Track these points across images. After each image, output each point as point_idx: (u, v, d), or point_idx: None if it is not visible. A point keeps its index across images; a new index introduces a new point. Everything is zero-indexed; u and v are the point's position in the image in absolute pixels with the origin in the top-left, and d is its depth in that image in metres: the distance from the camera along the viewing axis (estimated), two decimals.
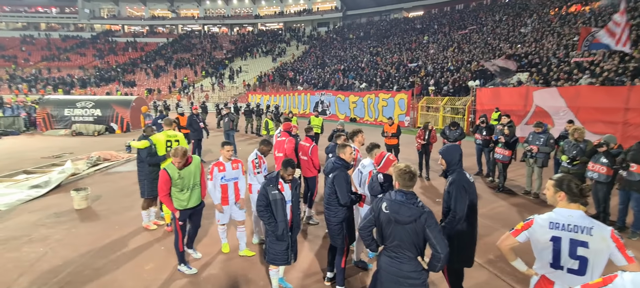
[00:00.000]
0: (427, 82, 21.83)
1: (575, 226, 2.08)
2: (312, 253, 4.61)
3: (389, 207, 2.43)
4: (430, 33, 34.07)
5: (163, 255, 4.52)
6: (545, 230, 2.14)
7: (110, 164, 9.67)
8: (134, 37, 53.22)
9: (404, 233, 2.38)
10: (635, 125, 9.78)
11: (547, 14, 25.85)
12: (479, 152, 8.52)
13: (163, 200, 3.93)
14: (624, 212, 5.08)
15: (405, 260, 2.42)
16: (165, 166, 3.93)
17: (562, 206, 2.18)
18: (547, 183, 2.28)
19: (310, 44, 45.73)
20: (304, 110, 25.27)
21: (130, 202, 6.60)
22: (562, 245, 2.09)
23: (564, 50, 17.96)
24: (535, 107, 12.64)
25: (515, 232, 2.26)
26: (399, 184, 2.47)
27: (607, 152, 5.15)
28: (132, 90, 36.90)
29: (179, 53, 48.10)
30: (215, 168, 4.17)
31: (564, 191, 2.17)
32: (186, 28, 56.57)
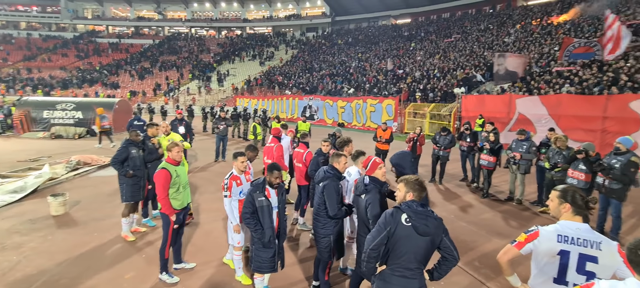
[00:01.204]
0: (415, 89, 22.14)
1: (585, 240, 1.99)
2: (297, 260, 4.55)
3: (413, 219, 2.27)
4: (417, 40, 34.63)
5: (144, 264, 4.38)
6: (553, 244, 2.03)
7: (90, 168, 9.37)
8: (119, 38, 52.14)
9: (423, 244, 2.27)
10: (613, 133, 10.12)
11: (529, 24, 26.68)
12: (463, 159, 8.65)
13: (164, 201, 3.80)
14: (603, 217, 5.22)
15: (417, 275, 2.32)
16: (164, 165, 3.85)
17: (567, 218, 2.10)
18: (551, 194, 2.21)
19: (299, 48, 45.79)
20: (291, 114, 25.20)
21: (111, 207, 6.39)
22: (570, 260, 1.99)
23: (546, 59, 18.54)
24: (518, 115, 12.96)
25: (519, 245, 2.13)
26: (413, 196, 2.37)
27: (586, 159, 5.30)
28: (116, 92, 36.05)
29: (165, 55, 47.36)
30: (233, 183, 3.82)
31: (569, 203, 2.09)
32: (173, 30, 55.78)
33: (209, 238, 5.15)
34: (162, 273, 3.97)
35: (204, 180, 8.56)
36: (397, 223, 2.29)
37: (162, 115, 21.63)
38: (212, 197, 7.09)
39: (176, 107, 20.35)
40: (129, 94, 35.00)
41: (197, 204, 6.67)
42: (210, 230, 5.48)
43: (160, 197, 3.80)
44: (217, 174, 9.07)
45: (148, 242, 4.98)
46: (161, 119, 21.30)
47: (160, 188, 3.77)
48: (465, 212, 6.46)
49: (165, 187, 3.78)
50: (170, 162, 3.92)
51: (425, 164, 9.33)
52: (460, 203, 6.97)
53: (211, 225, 5.66)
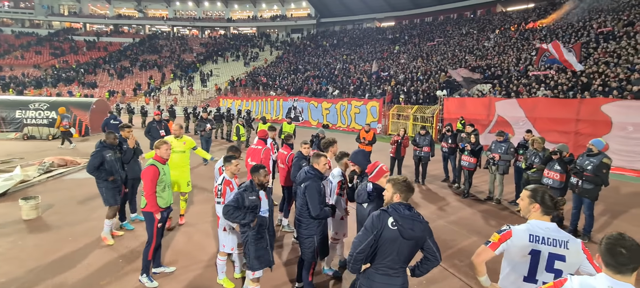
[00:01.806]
0: (398, 91, 22.44)
1: (554, 239, 2.06)
2: (282, 262, 4.51)
3: (399, 223, 2.26)
4: (401, 43, 35.15)
5: (121, 268, 4.23)
6: (525, 243, 2.07)
7: (65, 170, 9.00)
8: (97, 35, 50.50)
9: (407, 247, 2.29)
10: (586, 135, 10.56)
11: (508, 29, 27.56)
12: (445, 160, 8.82)
13: (151, 197, 3.74)
14: (576, 216, 5.42)
15: (400, 274, 2.35)
16: (152, 163, 3.84)
17: (536, 218, 2.15)
18: (521, 194, 2.26)
19: (284, 49, 45.65)
20: (276, 115, 25.06)
21: (87, 211, 6.16)
22: (541, 259, 2.05)
23: (524, 64, 19.19)
24: (498, 117, 13.35)
25: (493, 246, 2.16)
26: (400, 197, 2.36)
27: (561, 160, 5.51)
28: (93, 92, 34.87)
29: (146, 54, 46.20)
30: (227, 189, 3.70)
31: (539, 203, 2.14)
32: (154, 29, 54.49)
33: (190, 243, 5.04)
34: (143, 275, 3.85)
35: None
36: (384, 227, 2.28)
37: (142, 116, 21.06)
38: (193, 199, 6.95)
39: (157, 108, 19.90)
40: (108, 94, 33.93)
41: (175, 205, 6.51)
42: (192, 233, 5.36)
43: (147, 194, 3.75)
44: (199, 177, 8.90)
45: (125, 246, 4.81)
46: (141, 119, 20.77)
47: (149, 185, 3.75)
48: (446, 212, 6.58)
49: (153, 183, 3.77)
50: (158, 159, 3.91)
51: (408, 165, 9.45)
52: (441, 203, 7.10)
53: (192, 228, 5.54)
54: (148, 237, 3.86)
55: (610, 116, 10.11)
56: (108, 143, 4.97)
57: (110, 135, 5.06)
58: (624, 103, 10.10)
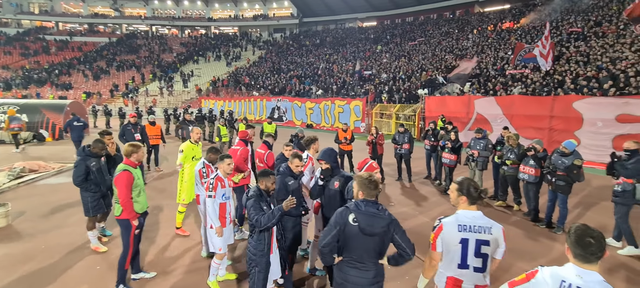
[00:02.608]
0: (381, 90, 22.68)
1: (479, 227, 2.22)
2: None
3: (359, 219, 2.33)
4: (383, 43, 35.55)
5: (97, 278, 4.08)
6: (455, 233, 2.22)
7: (37, 176, 8.62)
8: (70, 35, 48.54)
9: (372, 243, 2.34)
10: (559, 130, 11.01)
11: (485, 30, 28.35)
12: (428, 157, 8.98)
13: (127, 204, 3.58)
14: (551, 208, 5.64)
15: (370, 268, 2.40)
16: (126, 168, 3.67)
17: (464, 208, 2.31)
18: (451, 186, 2.40)
19: (266, 49, 45.27)
20: (259, 116, 24.84)
21: (62, 217, 5.92)
22: (469, 246, 2.20)
23: (501, 63, 19.79)
24: (477, 115, 13.71)
25: (433, 246, 2.29)
26: (364, 194, 2.41)
27: (535, 156, 5.72)
28: (68, 94, 33.50)
29: (123, 54, 44.75)
30: (218, 185, 3.67)
31: (465, 195, 2.29)
32: (131, 28, 52.88)
33: (171, 247, 4.92)
34: (120, 285, 3.72)
35: (167, 184, 8.18)
36: (345, 223, 2.36)
37: (119, 118, 20.43)
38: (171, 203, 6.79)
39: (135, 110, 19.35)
40: (84, 95, 32.68)
41: (158, 211, 6.36)
42: (173, 237, 5.24)
43: (123, 201, 3.58)
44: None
45: (101, 253, 4.65)
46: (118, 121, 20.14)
47: (124, 191, 3.58)
48: (427, 208, 6.70)
49: (129, 189, 3.62)
50: (130, 164, 3.74)
51: (391, 163, 9.57)
52: (422, 200, 7.23)
53: (170, 230, 5.41)
54: (124, 245, 3.69)
55: (582, 112, 10.56)
56: (93, 152, 4.59)
57: (96, 144, 4.66)
58: (594, 100, 10.58)
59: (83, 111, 18.09)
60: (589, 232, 1.69)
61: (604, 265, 4.42)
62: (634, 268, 4.41)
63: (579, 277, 1.65)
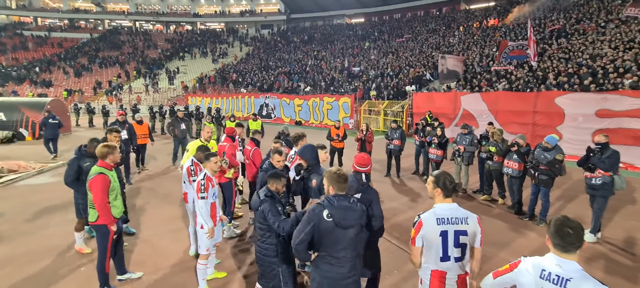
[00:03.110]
0: (369, 87, 22.79)
1: (456, 218, 2.29)
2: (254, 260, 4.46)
3: (333, 214, 2.35)
4: (371, 40, 35.67)
5: (83, 281, 3.99)
6: (435, 227, 2.26)
7: (17, 176, 8.34)
8: (49, 30, 46.94)
9: (346, 237, 2.38)
10: (542, 126, 11.31)
11: (471, 27, 28.77)
12: (417, 153, 9.08)
13: (104, 209, 3.42)
14: (534, 201, 5.80)
15: (345, 262, 2.43)
16: (100, 170, 3.45)
17: (440, 201, 2.37)
18: (428, 179, 2.46)
19: (254, 45, 44.83)
20: (247, 113, 24.63)
21: (43, 219, 5.75)
22: (449, 238, 2.26)
23: (486, 60, 20.13)
24: (463, 110, 13.95)
25: (413, 241, 2.35)
26: (334, 189, 2.45)
27: (518, 150, 5.87)
28: (48, 91, 32.46)
29: (106, 51, 43.58)
30: (209, 185, 3.59)
31: (440, 188, 2.35)
32: (114, 24, 51.51)
33: (159, 246, 4.85)
34: (104, 287, 3.64)
35: (155, 184, 8.04)
36: (320, 219, 2.37)
37: (103, 116, 19.95)
38: (159, 202, 6.69)
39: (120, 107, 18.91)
40: (65, 93, 31.71)
41: (146, 210, 6.25)
42: (161, 236, 5.16)
43: (99, 206, 3.40)
44: (171, 179, 8.59)
45: (85, 255, 4.55)
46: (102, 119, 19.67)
47: (100, 196, 3.39)
48: (415, 202, 6.80)
49: (105, 193, 3.43)
50: (105, 166, 3.51)
51: (380, 160, 9.65)
52: (411, 195, 7.32)
53: (160, 230, 5.33)
54: (100, 251, 3.54)
55: (563, 108, 10.87)
56: (89, 152, 4.39)
57: (92, 144, 4.43)
58: (575, 96, 10.90)
59: (64, 109, 17.57)
60: (568, 223, 1.75)
61: (584, 255, 4.58)
62: (613, 259, 4.58)
63: (559, 266, 1.71)
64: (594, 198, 5.04)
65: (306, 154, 3.41)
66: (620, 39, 14.99)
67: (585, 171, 5.04)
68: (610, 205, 6.33)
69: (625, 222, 5.80)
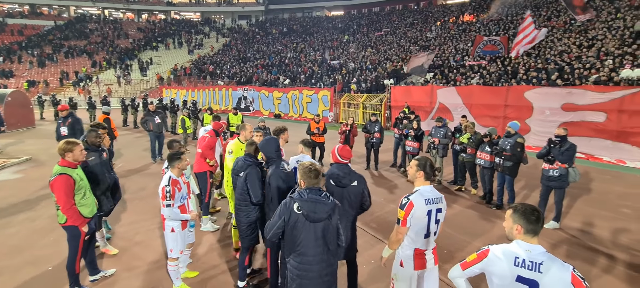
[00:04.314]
0: (349, 80, 22.89)
1: (435, 198, 2.54)
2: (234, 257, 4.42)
3: (302, 207, 2.37)
4: (350, 33, 35.74)
5: (49, 280, 3.81)
6: (423, 207, 2.47)
7: None
8: (7, 16, 43.77)
9: (317, 231, 2.38)
10: (512, 118, 11.75)
11: (447, 22, 29.40)
12: (396, 145, 9.23)
13: (70, 211, 3.23)
14: (501, 192, 6.07)
15: (315, 257, 2.41)
16: (62, 170, 3.21)
17: (420, 184, 2.58)
18: (411, 162, 2.66)
19: (231, 36, 43.79)
20: (225, 106, 24.15)
21: (5, 218, 5.42)
22: (431, 216, 2.51)
23: (461, 54, 20.69)
24: (439, 104, 14.30)
25: (404, 222, 2.48)
26: (305, 183, 2.46)
27: (490, 142, 6.10)
28: (8, 82, 30.41)
29: (72, 40, 41.20)
30: (175, 190, 3.35)
31: (423, 170, 2.56)
32: (80, 11, 48.69)
33: (134, 242, 4.70)
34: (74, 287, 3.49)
35: (125, 180, 7.75)
36: (291, 212, 2.41)
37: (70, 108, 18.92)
38: (133, 198, 6.47)
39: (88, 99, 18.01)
40: (26, 84, 29.81)
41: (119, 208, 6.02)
42: (136, 232, 5.00)
43: (64, 208, 3.21)
44: (145, 175, 8.30)
45: (54, 254, 4.34)
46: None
47: (63, 198, 3.18)
48: (394, 194, 6.94)
49: (68, 195, 3.21)
50: (68, 165, 3.28)
51: (360, 153, 9.75)
52: (390, 187, 7.47)
53: (133, 226, 5.16)
54: (71, 251, 3.37)
55: (532, 102, 11.37)
56: (90, 143, 4.13)
57: (91, 134, 4.18)
58: (542, 90, 11.41)
59: (26, 101, 16.53)
60: (533, 208, 1.85)
61: (549, 241, 4.86)
62: (573, 243, 4.89)
63: (528, 252, 1.79)
64: (549, 190, 5.32)
65: (265, 147, 3.31)
66: (584, 36, 15.81)
67: (545, 163, 5.30)
68: (572, 194, 6.74)
69: (585, 209, 6.18)
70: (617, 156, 9.63)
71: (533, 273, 1.75)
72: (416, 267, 2.56)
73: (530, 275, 1.75)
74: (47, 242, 4.66)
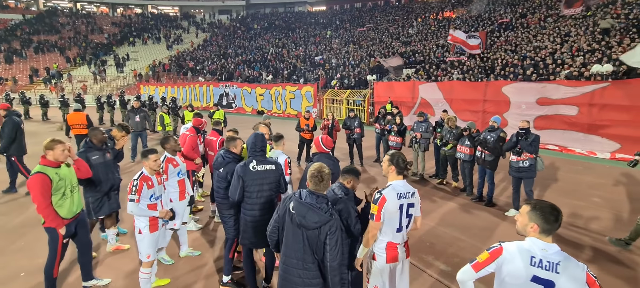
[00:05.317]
0: (332, 76, 22.88)
1: (408, 192, 2.56)
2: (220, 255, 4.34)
3: (295, 208, 2.28)
4: (332, 28, 35.69)
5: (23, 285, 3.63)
6: (395, 201, 2.48)
7: None
8: None
9: (303, 237, 2.27)
10: (491, 113, 12.08)
11: (428, 18, 29.82)
12: (377, 140, 9.31)
13: (45, 211, 3.11)
14: (481, 184, 6.24)
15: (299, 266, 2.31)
16: (39, 169, 3.12)
17: (393, 178, 2.60)
18: (384, 157, 2.68)
19: (212, 32, 42.87)
20: (206, 103, 23.67)
21: None
22: (403, 210, 2.53)
23: (441, 50, 21.05)
24: (421, 99, 14.52)
25: (377, 217, 2.47)
26: (310, 185, 2.35)
27: (470, 136, 6.25)
28: None
29: (42, 34, 39.22)
30: (144, 185, 3.26)
31: (394, 165, 2.59)
32: (49, 4, 46.39)
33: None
34: None
35: None
36: (286, 209, 2.37)
37: (41, 107, 18.14)
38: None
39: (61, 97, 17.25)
40: None
41: None
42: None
43: (38, 208, 3.10)
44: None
45: (28, 260, 4.13)
46: (40, 110, 17.88)
47: (39, 198, 3.06)
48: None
49: (44, 196, 3.08)
50: (48, 163, 3.18)
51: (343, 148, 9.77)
52: (372, 182, 7.54)
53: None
54: (50, 253, 3.26)
55: (509, 96, 11.72)
56: (95, 142, 4.07)
57: (96, 133, 4.10)
58: (519, 85, 11.77)
59: None
60: (552, 207, 1.78)
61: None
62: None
63: (544, 251, 1.73)
64: (519, 181, 5.51)
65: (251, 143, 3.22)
66: (557, 33, 16.40)
67: (513, 155, 5.47)
68: (546, 185, 7.01)
69: (558, 198, 6.42)
70: (588, 148, 10.06)
71: (550, 273, 1.69)
72: (388, 260, 2.58)
73: (547, 276, 1.70)
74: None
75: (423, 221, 5.29)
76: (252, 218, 3.14)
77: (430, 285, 3.76)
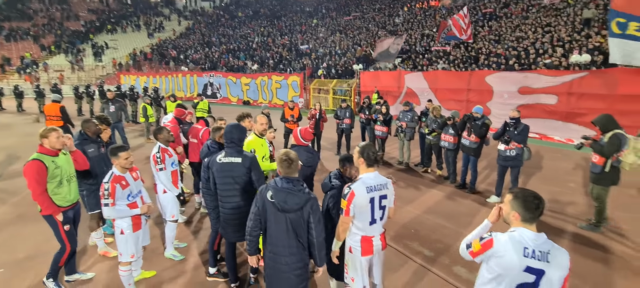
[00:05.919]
0: (318, 65, 22.73)
1: (379, 184, 2.54)
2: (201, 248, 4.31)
3: (274, 195, 2.33)
4: (319, 17, 35.28)
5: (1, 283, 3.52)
6: (365, 195, 2.46)
7: None
8: None
9: (286, 222, 2.34)
10: (474, 102, 12.29)
11: (414, 7, 29.82)
12: (362, 130, 9.35)
13: (40, 198, 3.10)
14: (465, 172, 6.38)
15: (286, 253, 2.38)
16: (36, 156, 3.13)
17: (364, 171, 2.58)
18: (354, 150, 2.65)
19: (194, 19, 41.68)
20: (190, 93, 23.17)
21: None
22: (375, 203, 2.52)
23: (427, 40, 21.16)
24: (407, 89, 14.63)
25: (346, 212, 2.47)
26: (281, 171, 2.42)
27: (453, 124, 6.35)
28: None
29: (13, 21, 37.26)
30: (117, 187, 3.08)
31: (364, 158, 2.56)
32: None
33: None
34: (49, 279, 3.34)
35: None
36: (264, 200, 2.39)
37: (16, 97, 17.37)
38: None
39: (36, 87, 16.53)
40: None
41: None
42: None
43: (35, 195, 3.10)
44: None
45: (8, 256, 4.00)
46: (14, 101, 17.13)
47: (33, 185, 3.08)
48: None
49: (39, 182, 3.09)
50: (45, 151, 3.18)
51: (331, 139, 9.78)
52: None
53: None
54: (59, 242, 3.30)
55: (492, 85, 11.94)
56: (89, 134, 3.98)
57: (90, 124, 3.99)
58: (501, 74, 11.99)
59: None
60: (533, 194, 1.80)
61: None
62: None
63: (534, 241, 1.75)
64: (505, 169, 5.66)
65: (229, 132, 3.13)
66: (539, 23, 16.71)
67: (501, 143, 5.60)
68: (526, 172, 7.22)
69: (537, 185, 6.65)
70: (567, 135, 10.41)
71: (542, 263, 1.73)
72: (363, 253, 2.58)
73: (539, 265, 1.73)
74: None
75: (408, 209, 5.41)
76: (227, 212, 3.10)
77: (415, 270, 3.85)
